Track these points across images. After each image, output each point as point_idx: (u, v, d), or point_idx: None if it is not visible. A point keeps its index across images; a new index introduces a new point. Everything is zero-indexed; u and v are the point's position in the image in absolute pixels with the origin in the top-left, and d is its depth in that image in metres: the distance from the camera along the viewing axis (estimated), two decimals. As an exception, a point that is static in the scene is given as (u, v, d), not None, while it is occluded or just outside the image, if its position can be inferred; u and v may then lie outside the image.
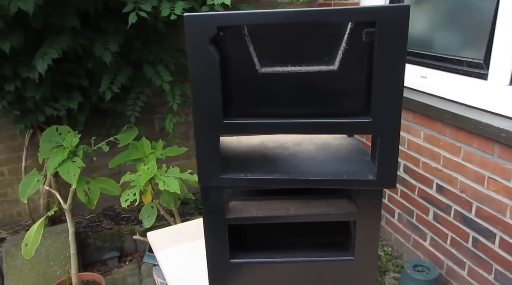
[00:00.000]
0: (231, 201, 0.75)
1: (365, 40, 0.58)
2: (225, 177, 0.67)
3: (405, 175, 2.48)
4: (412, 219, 2.49)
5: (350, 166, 0.69)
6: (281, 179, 0.66)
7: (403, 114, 2.42)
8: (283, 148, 0.77)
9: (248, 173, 0.67)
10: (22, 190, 1.91)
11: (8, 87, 2.20)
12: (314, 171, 0.67)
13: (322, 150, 0.76)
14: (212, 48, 0.60)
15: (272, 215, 0.71)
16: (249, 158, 0.75)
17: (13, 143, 2.83)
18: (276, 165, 0.71)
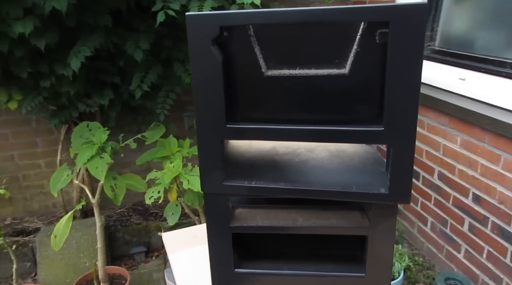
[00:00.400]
0: (237, 208, 0.72)
1: (379, 41, 0.53)
2: (228, 184, 0.64)
3: (440, 182, 2.37)
4: (445, 229, 2.38)
5: (362, 177, 0.64)
6: (286, 188, 0.62)
7: (439, 118, 2.30)
8: (295, 154, 0.73)
9: (252, 180, 0.64)
10: (52, 184, 1.97)
11: (44, 83, 2.27)
12: (323, 181, 0.63)
13: (335, 157, 0.71)
14: (215, 49, 0.57)
15: (278, 225, 0.68)
16: (256, 164, 0.72)
17: (50, 137, 2.94)
18: (283, 173, 0.67)
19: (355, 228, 0.66)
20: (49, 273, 2.47)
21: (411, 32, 0.50)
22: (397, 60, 0.51)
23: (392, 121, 0.54)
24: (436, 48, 2.59)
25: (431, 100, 2.32)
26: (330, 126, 0.57)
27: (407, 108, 0.53)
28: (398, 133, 0.55)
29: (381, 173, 0.65)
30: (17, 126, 2.85)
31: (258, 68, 0.59)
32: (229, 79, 0.60)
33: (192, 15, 0.55)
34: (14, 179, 2.96)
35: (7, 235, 2.80)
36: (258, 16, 0.54)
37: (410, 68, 0.52)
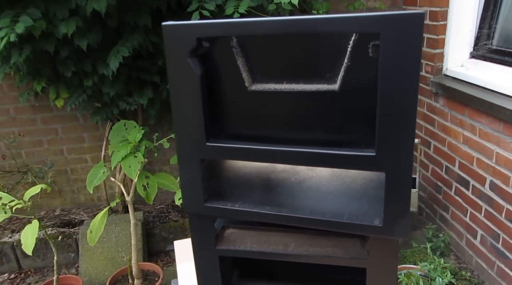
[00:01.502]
0: (228, 228, 0.67)
1: (372, 55, 0.46)
2: (210, 205, 0.59)
3: (491, 193, 2.17)
4: (497, 244, 2.18)
5: (359, 203, 0.57)
6: (270, 214, 0.56)
7: (493, 124, 2.11)
8: (293, 172, 0.67)
9: (237, 202, 0.59)
10: (89, 181, 2.03)
11: (87, 82, 2.35)
12: (313, 207, 0.57)
13: (336, 178, 0.64)
14: (194, 62, 0.53)
15: (267, 251, 0.62)
16: (249, 182, 0.66)
17: (96, 133, 3.05)
18: (273, 195, 0.62)
19: (352, 259, 0.59)
20: (90, 266, 2.57)
21: (405, 45, 0.42)
22: (390, 77, 0.44)
23: (385, 145, 0.47)
24: (493, 47, 2.37)
25: (484, 104, 2.13)
26: (317, 149, 0.51)
27: (402, 131, 0.46)
28: (391, 160, 0.47)
29: (381, 199, 0.58)
30: (66, 122, 2.99)
31: (242, 82, 0.54)
32: (212, 94, 0.56)
33: (168, 25, 0.51)
34: (63, 172, 3.12)
35: (55, 226, 2.95)
36: (237, 26, 0.49)
37: (404, 86, 0.44)
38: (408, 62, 0.44)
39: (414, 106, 0.47)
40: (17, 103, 2.87)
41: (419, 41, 0.43)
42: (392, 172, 0.48)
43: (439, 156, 2.65)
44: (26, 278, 2.70)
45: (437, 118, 2.62)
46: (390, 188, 0.50)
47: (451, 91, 2.41)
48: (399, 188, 0.49)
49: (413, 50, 0.43)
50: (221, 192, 0.63)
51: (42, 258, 2.78)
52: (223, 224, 0.68)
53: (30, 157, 3.03)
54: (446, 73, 2.57)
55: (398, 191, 0.49)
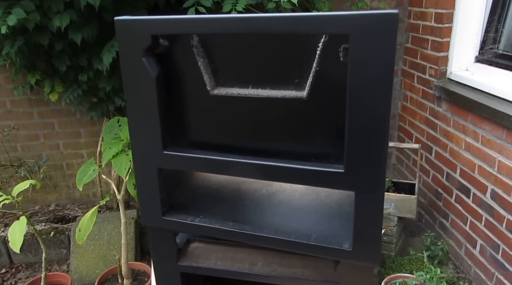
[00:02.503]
0: (193, 242, 0.62)
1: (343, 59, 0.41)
2: (168, 218, 0.54)
3: (492, 202, 2.10)
4: (497, 255, 2.11)
5: (329, 223, 0.52)
6: (233, 231, 0.51)
7: (496, 131, 2.04)
8: (266, 183, 0.62)
9: (198, 217, 0.54)
10: (79, 178, 1.99)
11: (81, 77, 2.31)
12: (279, 225, 0.51)
13: (311, 192, 0.59)
14: (149, 61, 0.48)
15: (232, 269, 0.57)
16: (215, 193, 0.61)
17: (92, 128, 3.01)
18: (240, 209, 0.57)
19: (322, 283, 0.54)
20: (81, 263, 2.54)
21: (377, 48, 0.37)
22: (360, 82, 0.39)
23: (354, 160, 0.42)
24: (499, 52, 2.30)
25: (488, 110, 2.06)
26: (282, 162, 0.46)
27: (374, 143, 0.41)
28: (361, 177, 0.42)
29: (356, 219, 0.53)
30: (63, 117, 2.96)
31: (204, 85, 0.49)
32: (171, 98, 0.50)
33: (120, 20, 0.46)
34: (58, 167, 3.09)
35: (48, 221, 2.92)
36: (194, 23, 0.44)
37: (377, 93, 0.39)
38: (380, 67, 0.38)
39: (387, 116, 0.42)
40: (13, 96, 2.84)
41: (392, 44, 0.38)
42: (362, 190, 0.43)
43: (440, 162, 2.58)
44: (17, 273, 2.67)
45: (440, 123, 2.55)
46: (360, 209, 0.44)
47: (455, 96, 2.34)
48: (370, 209, 0.44)
49: (386, 54, 0.38)
50: (184, 204, 0.58)
51: (34, 253, 2.75)
52: (187, 237, 0.63)
53: (26, 150, 3.00)
54: (450, 77, 2.50)
55: (369, 213, 0.44)
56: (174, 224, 0.53)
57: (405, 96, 3.01)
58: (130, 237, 2.59)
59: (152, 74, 0.47)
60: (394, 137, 3.24)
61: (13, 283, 2.58)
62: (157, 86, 0.48)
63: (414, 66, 2.83)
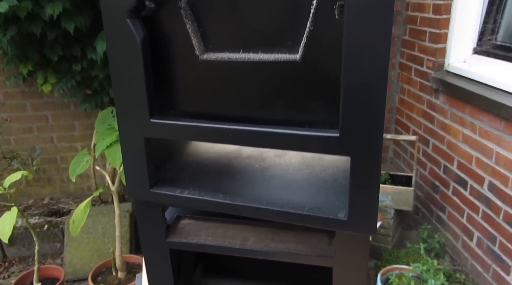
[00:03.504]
0: (184, 219, 0.59)
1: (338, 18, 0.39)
2: (156, 191, 0.52)
3: (490, 194, 2.09)
4: (493, 247, 2.10)
5: (325, 195, 0.50)
6: (222, 203, 0.49)
7: (493, 122, 2.03)
8: (259, 158, 0.59)
9: (187, 189, 0.51)
10: (72, 169, 1.96)
11: (75, 67, 2.28)
12: (271, 196, 0.49)
13: (305, 166, 0.57)
14: (135, 24, 0.45)
15: (223, 245, 0.55)
16: (206, 168, 0.59)
17: (87, 121, 2.98)
18: (230, 182, 0.54)
19: (317, 257, 0.52)
20: (75, 256, 2.51)
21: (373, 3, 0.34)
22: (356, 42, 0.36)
23: (350, 124, 0.39)
24: (498, 43, 2.28)
25: (486, 101, 2.04)
26: (273, 128, 0.43)
27: (370, 107, 0.38)
28: (357, 142, 0.39)
29: (352, 190, 0.50)
30: (56, 109, 2.92)
31: (193, 50, 0.47)
32: (158, 63, 0.48)
33: (103, -22, 0.44)
34: (52, 160, 3.05)
35: (42, 215, 2.89)
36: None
37: (373, 52, 0.37)
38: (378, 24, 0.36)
39: (385, 79, 0.39)
40: (6, 88, 2.81)
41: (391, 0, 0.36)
42: (358, 155, 0.41)
43: (437, 155, 2.57)
44: (10, 267, 2.64)
45: (437, 115, 2.54)
46: (356, 175, 0.42)
47: (452, 88, 2.32)
48: (366, 175, 0.41)
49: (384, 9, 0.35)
50: (173, 178, 0.55)
51: (27, 247, 2.72)
52: (177, 214, 0.60)
53: (19, 143, 2.96)
54: (448, 69, 2.49)
55: (365, 179, 0.41)
56: (162, 197, 0.51)
57: (402, 89, 2.99)
58: (125, 230, 2.56)
59: (137, 37, 0.45)
60: (391, 130, 3.22)
61: (6, 277, 2.55)
62: (143, 51, 0.45)
63: (412, 59, 2.81)
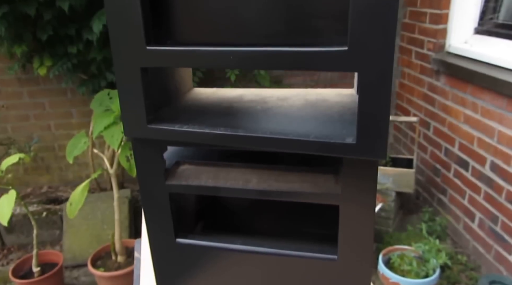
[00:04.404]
0: (183, 164, 0.57)
1: None
2: (154, 127, 0.49)
3: (492, 174, 2.07)
4: (496, 227, 2.09)
5: (331, 126, 0.47)
6: (223, 134, 0.47)
7: (495, 100, 2.01)
8: (261, 102, 0.57)
9: (187, 124, 0.49)
10: (69, 151, 1.93)
11: (71, 49, 2.25)
12: (274, 128, 0.47)
13: (310, 107, 0.55)
14: None
15: (224, 186, 0.53)
16: (204, 109, 0.57)
17: (84, 108, 2.95)
18: (229, 119, 0.52)
19: (321, 195, 0.50)
20: (74, 242, 2.49)
21: None
22: None
23: (358, 38, 0.37)
24: (499, 22, 2.26)
25: (488, 79, 2.02)
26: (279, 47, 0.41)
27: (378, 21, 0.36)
28: (367, 55, 0.37)
29: (359, 122, 0.48)
30: (53, 96, 2.89)
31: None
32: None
33: None
34: (50, 148, 3.03)
35: (40, 203, 2.87)
36: None
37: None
38: None
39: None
40: (2, 75, 2.78)
41: None
42: (368, 69, 0.38)
43: (438, 137, 2.55)
44: (9, 255, 2.63)
45: (438, 97, 2.52)
46: (365, 93, 0.40)
47: (454, 68, 2.30)
48: (376, 93, 0.39)
49: None
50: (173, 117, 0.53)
51: (26, 234, 2.70)
52: (177, 160, 0.58)
53: (17, 131, 2.93)
54: (449, 50, 2.46)
55: (375, 99, 0.39)
56: (161, 133, 0.48)
57: (402, 73, 2.97)
58: (124, 216, 2.54)
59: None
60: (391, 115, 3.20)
61: (4, 264, 2.53)
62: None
63: (412, 42, 2.78)
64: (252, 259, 0.56)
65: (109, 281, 2.08)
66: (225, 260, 0.57)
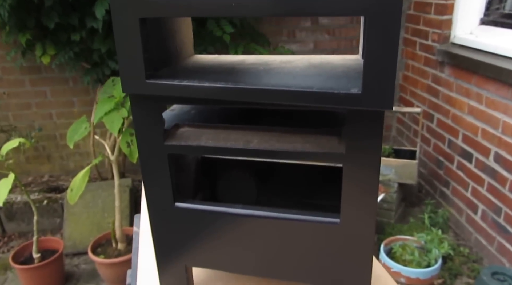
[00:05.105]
0: (182, 126, 0.56)
1: None
2: (152, 82, 0.48)
3: (496, 165, 2.05)
4: (499, 219, 2.07)
5: (335, 81, 0.46)
6: (224, 87, 0.45)
7: (500, 90, 1.99)
8: (263, 64, 0.56)
9: (185, 79, 0.48)
10: (69, 136, 1.92)
11: (74, 36, 2.23)
12: (277, 83, 0.45)
13: (314, 67, 0.53)
14: None
15: (225, 146, 0.51)
16: (205, 69, 0.55)
17: (86, 97, 2.94)
18: (230, 75, 0.51)
19: (325, 155, 0.48)
20: (74, 230, 2.48)
21: None
22: None
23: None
24: (506, 12, 2.24)
25: (493, 69, 2.00)
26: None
27: None
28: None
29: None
30: (55, 85, 2.88)
31: None
32: None
33: None
34: (52, 137, 3.02)
35: (41, 191, 2.86)
36: None
37: None
38: None
39: None
40: (4, 63, 2.77)
41: None
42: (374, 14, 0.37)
43: (442, 129, 2.53)
44: (9, 242, 2.62)
45: (442, 89, 2.49)
46: (371, 39, 0.38)
47: (458, 59, 2.28)
48: (382, 39, 0.37)
49: None
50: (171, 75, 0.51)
51: (26, 222, 2.69)
52: (176, 122, 0.57)
53: (18, 120, 2.93)
54: (454, 41, 2.44)
55: (382, 46, 0.38)
56: (160, 88, 0.47)
57: (406, 65, 2.94)
58: (125, 205, 2.53)
59: None
60: (394, 109, 3.18)
61: (5, 251, 2.53)
62: None
63: (416, 33, 2.76)
64: (253, 224, 0.55)
65: (109, 268, 2.08)
66: (226, 225, 0.56)
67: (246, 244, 0.56)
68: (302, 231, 0.53)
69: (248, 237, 0.55)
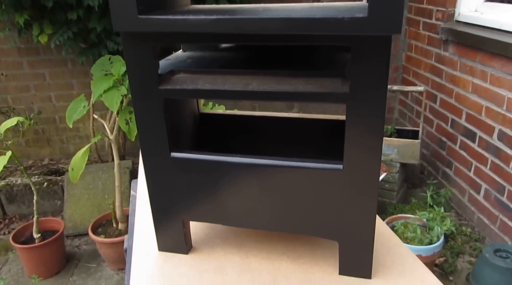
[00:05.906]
0: (178, 73, 0.53)
1: None
2: (145, 17, 0.45)
3: (499, 143, 2.03)
4: (502, 197, 2.05)
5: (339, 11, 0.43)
6: (221, 19, 0.43)
7: (506, 67, 1.95)
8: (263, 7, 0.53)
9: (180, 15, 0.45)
10: (68, 115, 1.90)
11: (71, 15, 2.20)
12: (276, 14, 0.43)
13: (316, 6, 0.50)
14: None
15: (222, 88, 0.49)
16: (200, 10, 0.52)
17: (85, 79, 2.91)
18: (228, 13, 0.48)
19: (326, 94, 0.46)
20: (75, 212, 2.48)
21: None
22: None
23: None
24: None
25: (499, 45, 1.96)
26: None
27: None
28: None
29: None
30: (54, 67, 2.85)
31: None
32: None
33: None
34: (51, 120, 3.00)
35: (42, 174, 2.85)
36: None
37: None
38: None
39: None
40: (1, 45, 2.73)
41: None
42: None
43: (445, 109, 2.50)
44: (10, 224, 2.62)
45: (446, 68, 2.46)
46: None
47: (463, 36, 2.24)
48: None
49: None
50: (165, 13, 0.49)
51: (27, 204, 2.69)
52: (171, 68, 0.54)
53: (17, 102, 2.90)
54: (458, 19, 2.40)
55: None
56: (153, 23, 0.44)
57: (409, 46, 2.90)
58: (125, 186, 2.52)
59: None
60: (397, 90, 3.14)
61: (6, 233, 2.53)
62: None
63: (420, 12, 2.71)
64: (252, 174, 0.52)
65: (109, 248, 2.07)
66: (224, 176, 0.53)
67: (245, 196, 0.53)
68: (303, 180, 0.50)
69: (247, 189, 0.53)
